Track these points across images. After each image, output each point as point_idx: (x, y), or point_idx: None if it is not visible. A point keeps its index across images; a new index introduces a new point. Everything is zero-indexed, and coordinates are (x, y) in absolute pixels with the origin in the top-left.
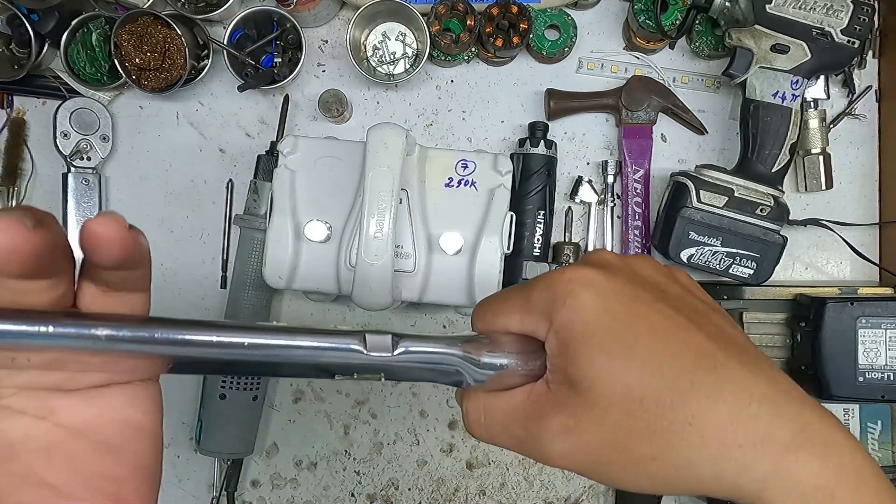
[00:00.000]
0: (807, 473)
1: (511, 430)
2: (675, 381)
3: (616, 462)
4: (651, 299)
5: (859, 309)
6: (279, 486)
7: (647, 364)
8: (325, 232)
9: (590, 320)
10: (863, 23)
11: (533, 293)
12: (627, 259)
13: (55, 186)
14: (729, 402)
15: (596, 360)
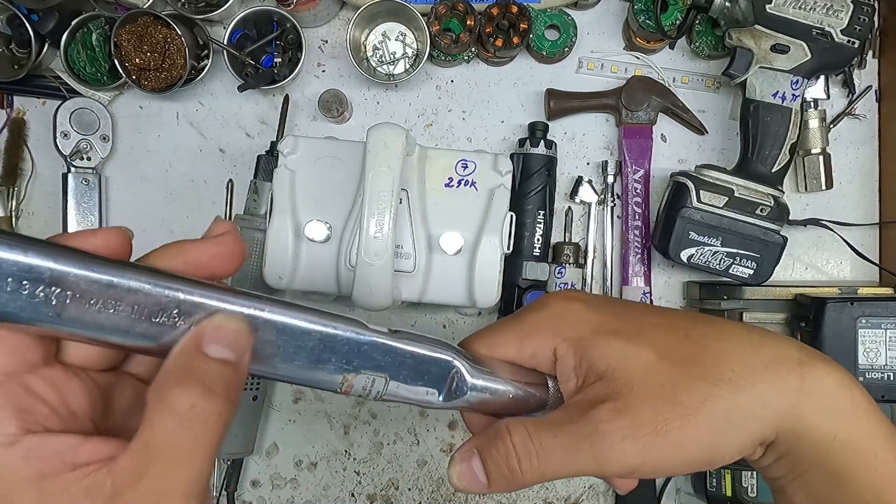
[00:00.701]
0: (825, 379)
1: (569, 450)
2: (686, 339)
3: (673, 423)
4: (624, 304)
5: (859, 309)
6: (279, 486)
7: (656, 335)
8: (325, 232)
9: (592, 320)
10: (863, 23)
11: (527, 317)
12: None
13: (55, 186)
14: (735, 340)
15: (614, 346)
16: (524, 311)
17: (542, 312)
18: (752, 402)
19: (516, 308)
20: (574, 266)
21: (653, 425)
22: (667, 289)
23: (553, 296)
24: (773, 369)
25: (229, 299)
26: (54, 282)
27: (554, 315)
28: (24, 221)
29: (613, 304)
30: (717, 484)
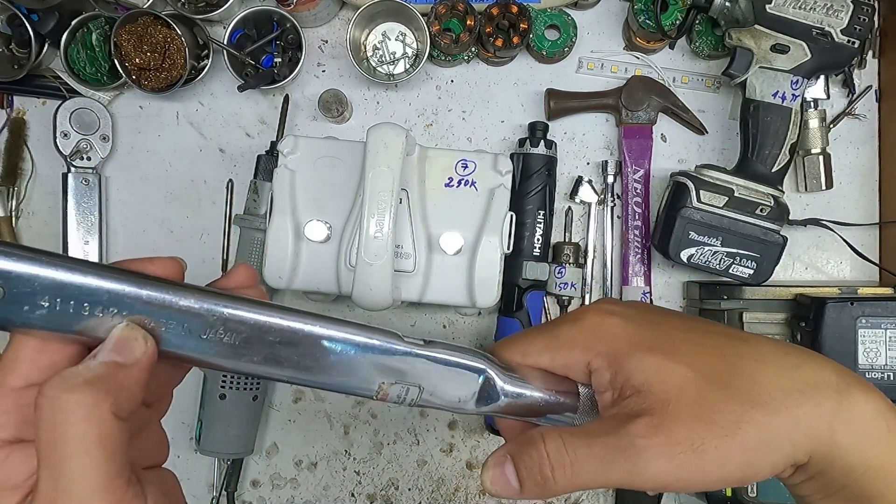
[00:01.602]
0: (863, 406)
1: (604, 462)
2: (722, 358)
3: (708, 443)
4: (661, 315)
5: (859, 309)
6: (279, 486)
7: (693, 352)
8: (325, 232)
9: (628, 335)
10: (863, 23)
11: (561, 330)
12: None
13: (55, 186)
14: (772, 361)
15: (651, 362)
16: (559, 323)
17: (577, 326)
18: (787, 426)
19: (516, 308)
20: (574, 266)
21: (688, 443)
22: (667, 289)
23: (589, 309)
24: (809, 394)
25: (275, 314)
26: (113, 303)
27: (589, 330)
28: (24, 221)
29: (650, 317)
30: None
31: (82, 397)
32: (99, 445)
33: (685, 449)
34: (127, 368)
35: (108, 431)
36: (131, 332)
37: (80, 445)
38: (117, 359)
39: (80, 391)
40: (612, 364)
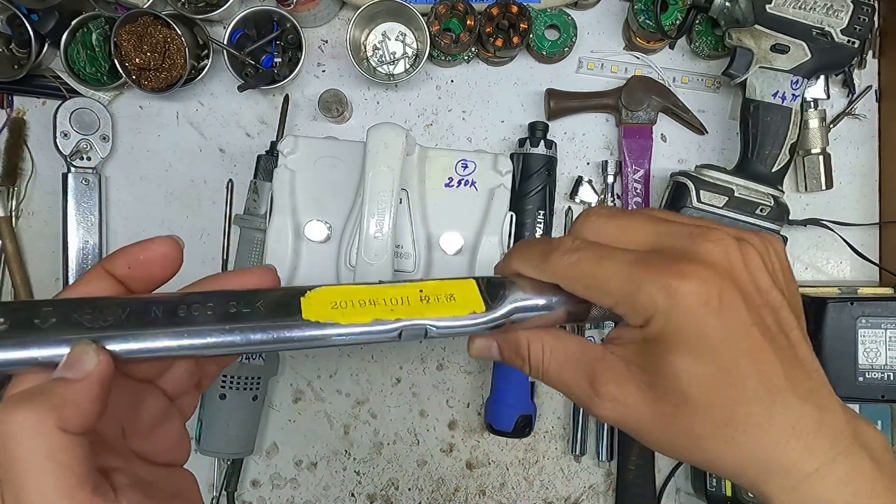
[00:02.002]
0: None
1: (566, 376)
2: (736, 403)
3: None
4: (749, 321)
5: (859, 309)
6: (279, 486)
7: (723, 383)
8: (325, 232)
9: (694, 327)
10: (863, 23)
11: (635, 273)
12: (748, 259)
13: (55, 186)
14: (773, 432)
15: (682, 365)
16: (646, 260)
17: (658, 277)
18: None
19: None
20: None
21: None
22: None
23: (678, 271)
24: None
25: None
26: None
27: (664, 291)
28: (24, 221)
29: (734, 315)
30: (717, 484)
31: (25, 416)
32: (50, 461)
33: (635, 431)
34: (75, 383)
35: (57, 446)
36: (82, 348)
37: (31, 463)
38: (66, 374)
39: (22, 410)
40: (653, 339)
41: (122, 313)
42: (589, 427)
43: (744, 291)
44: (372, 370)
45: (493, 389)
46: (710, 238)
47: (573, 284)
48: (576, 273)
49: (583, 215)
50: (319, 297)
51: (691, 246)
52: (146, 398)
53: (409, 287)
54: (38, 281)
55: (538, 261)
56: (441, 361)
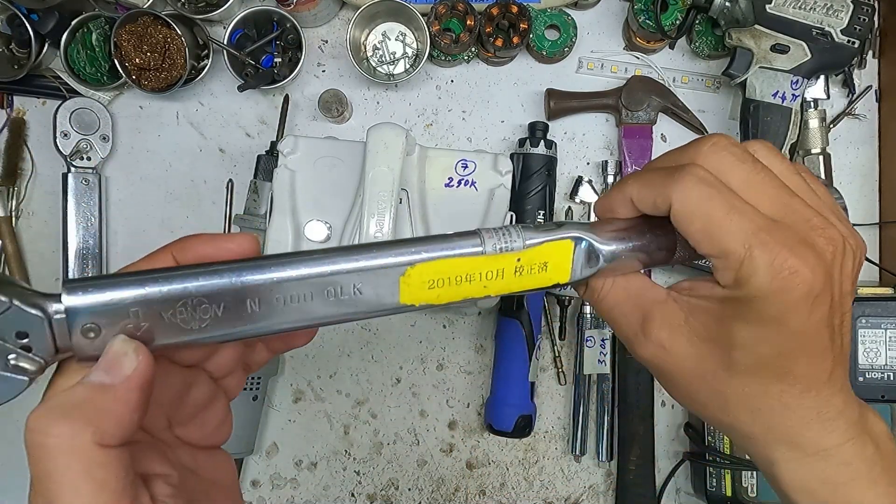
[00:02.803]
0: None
1: (619, 310)
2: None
3: (695, 394)
4: (826, 322)
5: (859, 309)
6: (279, 486)
7: (775, 364)
8: (325, 232)
9: (783, 309)
10: (863, 23)
11: (758, 237)
12: (844, 265)
13: (55, 186)
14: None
15: (751, 334)
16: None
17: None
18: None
19: (516, 308)
20: None
21: (678, 384)
22: None
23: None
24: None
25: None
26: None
27: (771, 266)
28: (24, 221)
29: (818, 311)
30: (716, 484)
31: (61, 430)
32: (85, 478)
33: (668, 383)
34: (112, 390)
35: (94, 462)
36: (121, 347)
37: (65, 480)
38: (105, 380)
39: (58, 424)
40: (737, 304)
41: (218, 310)
42: (589, 427)
43: (833, 293)
44: (372, 370)
45: (493, 389)
46: (827, 234)
47: (692, 217)
48: (703, 208)
49: (710, 143)
50: (419, 277)
51: (810, 234)
52: (193, 383)
53: (508, 258)
54: (38, 281)
55: (663, 179)
56: (441, 361)
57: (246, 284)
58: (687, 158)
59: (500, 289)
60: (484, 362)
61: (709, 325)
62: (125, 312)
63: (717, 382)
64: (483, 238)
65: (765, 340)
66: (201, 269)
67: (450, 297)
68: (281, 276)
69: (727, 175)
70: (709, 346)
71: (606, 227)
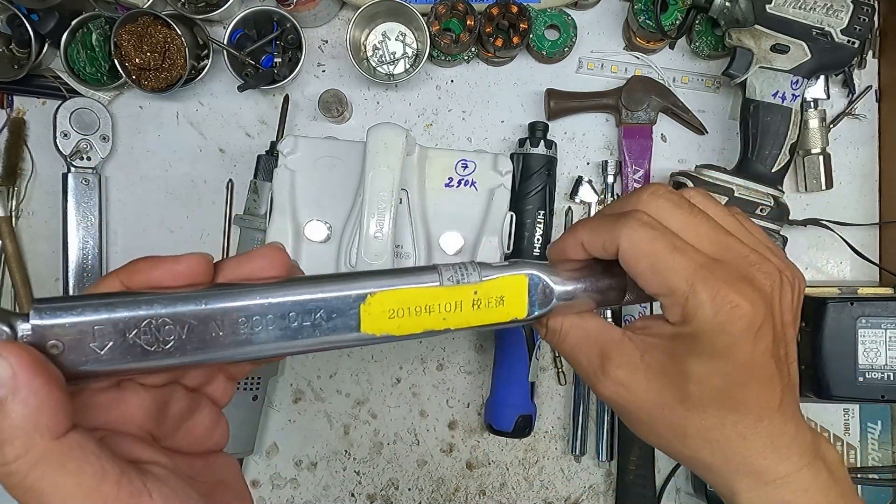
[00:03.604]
0: None
1: (579, 351)
2: (730, 412)
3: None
4: (771, 352)
5: (859, 309)
6: (279, 486)
7: (727, 395)
8: (325, 232)
9: (729, 343)
10: (863, 23)
11: (700, 275)
12: (783, 295)
13: (55, 186)
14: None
15: (702, 368)
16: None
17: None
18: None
19: None
20: None
21: (635, 417)
22: None
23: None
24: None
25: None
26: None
27: (712, 300)
28: (24, 221)
29: (761, 344)
30: None
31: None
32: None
33: (628, 420)
34: (12, 395)
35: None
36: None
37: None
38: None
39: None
40: (684, 339)
41: (182, 333)
42: (589, 427)
43: (774, 324)
44: (372, 370)
45: (493, 389)
46: (764, 269)
47: (639, 257)
48: (648, 249)
49: (648, 192)
50: (379, 306)
51: (748, 270)
52: (168, 400)
53: (465, 290)
54: (38, 281)
55: (610, 224)
56: (441, 361)
57: (210, 311)
58: (629, 206)
59: (459, 322)
60: (484, 362)
61: (663, 362)
62: (89, 332)
63: (676, 416)
64: (441, 271)
65: (716, 373)
66: (166, 294)
67: (410, 329)
68: (245, 304)
69: (667, 220)
70: (665, 381)
71: (560, 267)
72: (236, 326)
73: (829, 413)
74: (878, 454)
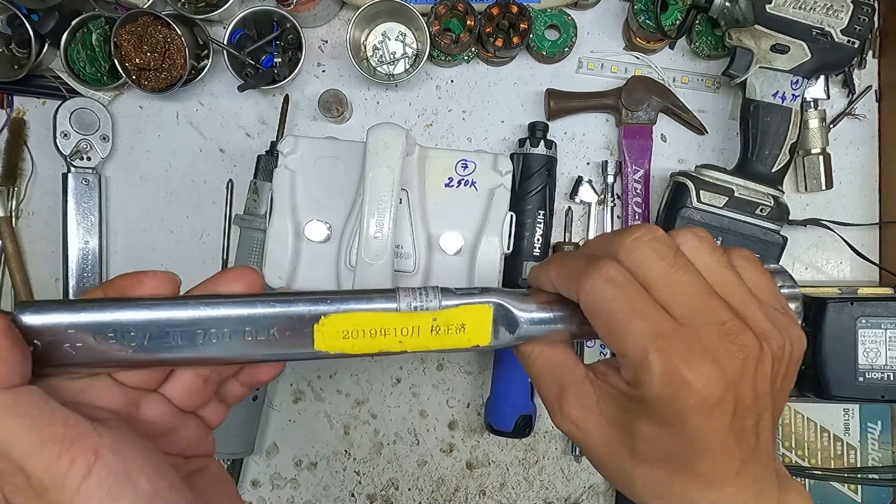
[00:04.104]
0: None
1: (543, 379)
2: (679, 479)
3: (606, 470)
4: (728, 428)
5: (859, 309)
6: (279, 486)
7: (676, 461)
8: (325, 232)
9: (679, 413)
10: (863, 23)
11: (655, 345)
12: (760, 366)
13: (55, 186)
14: None
15: (649, 432)
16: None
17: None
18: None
19: None
20: None
21: (592, 451)
22: None
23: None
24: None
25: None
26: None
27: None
28: (24, 221)
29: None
30: None
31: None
32: (11, 418)
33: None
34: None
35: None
36: None
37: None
38: None
39: None
40: (640, 400)
41: (143, 338)
42: None
43: (739, 398)
44: (372, 370)
45: (493, 389)
46: (739, 342)
47: (596, 314)
48: (606, 308)
49: (633, 237)
50: (332, 327)
51: (716, 342)
52: (142, 401)
53: (423, 317)
54: (38, 281)
55: (577, 270)
56: (441, 361)
57: (168, 318)
58: (610, 250)
59: (416, 345)
60: (484, 362)
61: (616, 413)
62: (64, 332)
63: (625, 466)
64: (399, 296)
65: (663, 439)
66: (132, 302)
67: (365, 349)
68: (200, 315)
69: (644, 270)
70: (616, 431)
71: (533, 297)
72: (194, 336)
73: (829, 413)
74: (878, 454)
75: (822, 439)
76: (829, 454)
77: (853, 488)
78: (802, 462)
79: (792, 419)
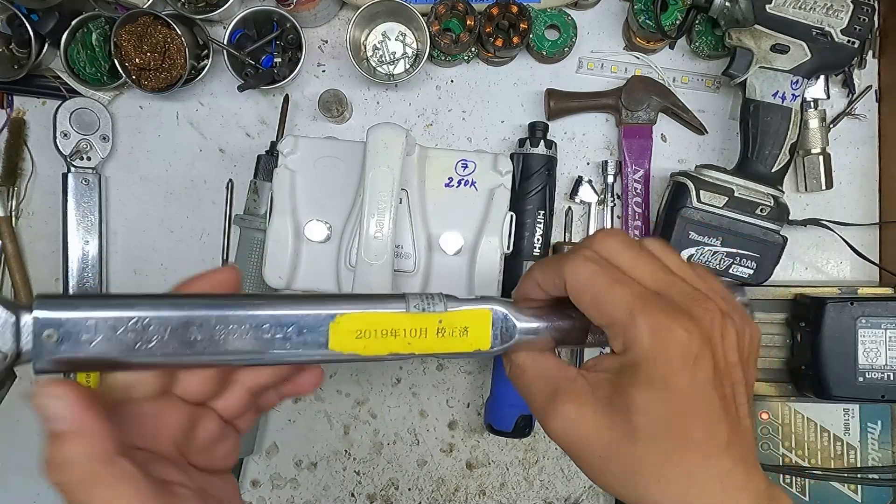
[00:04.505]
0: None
1: (533, 387)
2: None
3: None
4: (712, 385)
5: (859, 309)
6: (279, 486)
7: (672, 426)
8: (325, 232)
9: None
10: (863, 23)
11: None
12: (726, 334)
13: (55, 186)
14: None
15: (643, 398)
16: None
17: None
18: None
19: None
20: None
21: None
22: None
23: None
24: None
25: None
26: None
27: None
28: (24, 221)
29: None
30: None
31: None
32: (111, 480)
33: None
34: (71, 429)
35: (106, 473)
36: (46, 397)
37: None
38: (59, 428)
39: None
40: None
41: (164, 335)
42: None
43: (716, 357)
44: (372, 370)
45: (493, 389)
46: (703, 305)
47: (582, 292)
48: (588, 282)
49: (600, 235)
50: (347, 325)
51: (687, 304)
52: (199, 419)
53: (430, 318)
54: (38, 281)
55: (558, 262)
56: (441, 361)
57: (190, 317)
58: (584, 244)
59: (423, 348)
60: (484, 362)
61: (610, 395)
62: (82, 326)
63: (624, 452)
64: (408, 299)
65: (656, 401)
66: (151, 298)
67: (376, 350)
68: (223, 314)
69: (615, 257)
70: (612, 414)
71: (525, 305)
72: (213, 333)
73: (829, 413)
74: (878, 454)
75: (822, 439)
76: (829, 454)
77: (853, 488)
78: (802, 462)
79: (792, 419)
